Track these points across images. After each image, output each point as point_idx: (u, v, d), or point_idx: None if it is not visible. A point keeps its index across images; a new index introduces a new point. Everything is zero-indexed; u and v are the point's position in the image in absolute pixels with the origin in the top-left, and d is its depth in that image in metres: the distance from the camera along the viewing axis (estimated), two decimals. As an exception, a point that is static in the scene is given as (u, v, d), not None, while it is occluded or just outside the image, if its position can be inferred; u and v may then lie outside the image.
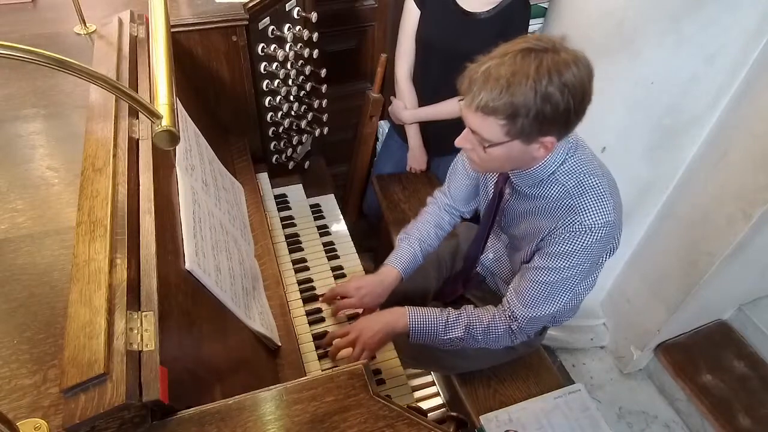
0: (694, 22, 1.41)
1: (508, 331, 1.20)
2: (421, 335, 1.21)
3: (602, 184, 1.08)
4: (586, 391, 1.44)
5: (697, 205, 1.74)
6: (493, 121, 0.96)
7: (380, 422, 0.67)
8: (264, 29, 1.41)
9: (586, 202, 1.06)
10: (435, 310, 1.22)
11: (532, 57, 0.91)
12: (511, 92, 0.91)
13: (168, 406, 0.64)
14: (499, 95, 0.92)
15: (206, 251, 0.95)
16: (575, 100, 0.93)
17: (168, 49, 0.89)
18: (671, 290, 1.89)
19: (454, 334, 1.20)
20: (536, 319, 1.17)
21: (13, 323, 0.70)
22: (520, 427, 1.35)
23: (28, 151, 0.97)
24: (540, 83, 0.90)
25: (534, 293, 1.15)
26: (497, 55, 0.94)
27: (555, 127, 0.97)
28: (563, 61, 0.91)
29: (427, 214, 1.45)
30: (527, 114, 0.92)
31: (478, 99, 0.94)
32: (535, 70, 0.90)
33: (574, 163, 1.09)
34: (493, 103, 0.93)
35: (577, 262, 1.10)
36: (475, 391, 1.45)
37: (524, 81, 0.90)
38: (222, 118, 1.49)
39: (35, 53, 0.57)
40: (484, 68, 0.94)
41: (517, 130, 0.96)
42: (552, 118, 0.94)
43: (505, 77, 0.91)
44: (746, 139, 1.54)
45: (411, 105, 2.00)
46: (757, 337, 2.07)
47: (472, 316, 1.21)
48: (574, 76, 0.91)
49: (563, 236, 1.08)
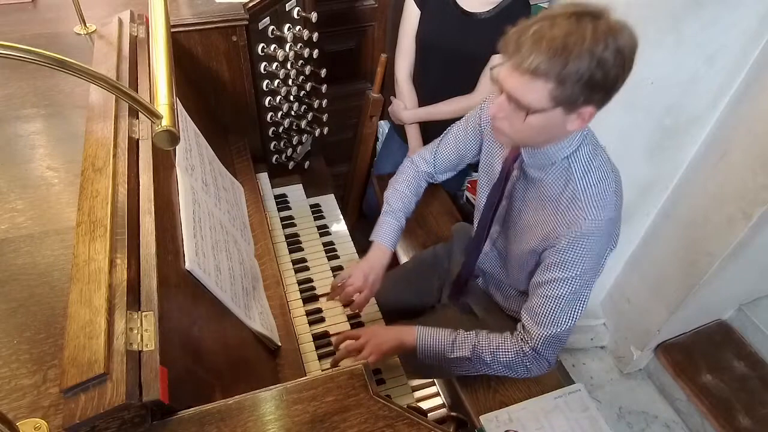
0: (694, 22, 1.41)
1: (520, 355, 1.15)
2: (428, 353, 1.20)
3: (608, 179, 1.06)
4: (586, 391, 1.44)
5: (697, 205, 1.74)
6: (541, 85, 0.91)
7: (380, 422, 0.67)
8: (264, 29, 1.41)
9: (586, 201, 1.04)
10: (446, 330, 1.21)
11: (587, 20, 0.87)
12: (566, 54, 0.86)
13: (168, 406, 0.64)
14: (553, 57, 0.87)
15: (206, 251, 0.95)
16: (625, 67, 0.91)
17: (168, 49, 0.89)
18: (671, 290, 1.89)
19: (462, 354, 1.18)
20: (553, 338, 1.12)
21: (13, 323, 0.70)
22: (520, 427, 1.35)
23: (28, 151, 0.97)
24: (597, 47, 0.86)
25: (547, 310, 1.11)
26: (546, 18, 0.89)
27: (599, 95, 0.94)
28: (617, 25, 0.89)
29: (407, 183, 1.43)
30: (579, 79, 0.88)
31: (529, 60, 0.88)
32: (592, 33, 0.86)
33: (587, 152, 1.07)
34: (545, 64, 0.88)
35: (585, 267, 1.07)
36: (475, 391, 1.45)
37: (581, 43, 0.86)
38: (222, 118, 1.49)
39: (35, 53, 0.57)
40: (535, 29, 0.89)
41: (563, 96, 0.92)
42: (601, 84, 0.91)
43: (561, 39, 0.86)
44: (746, 139, 1.54)
45: (411, 105, 2.00)
46: (757, 337, 2.07)
47: (482, 337, 1.18)
48: (627, 42, 0.89)
49: (565, 244, 1.06)
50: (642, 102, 1.59)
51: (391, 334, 1.21)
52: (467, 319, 1.50)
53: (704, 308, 2.03)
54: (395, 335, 1.21)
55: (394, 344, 1.20)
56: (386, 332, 1.22)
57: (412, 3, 1.81)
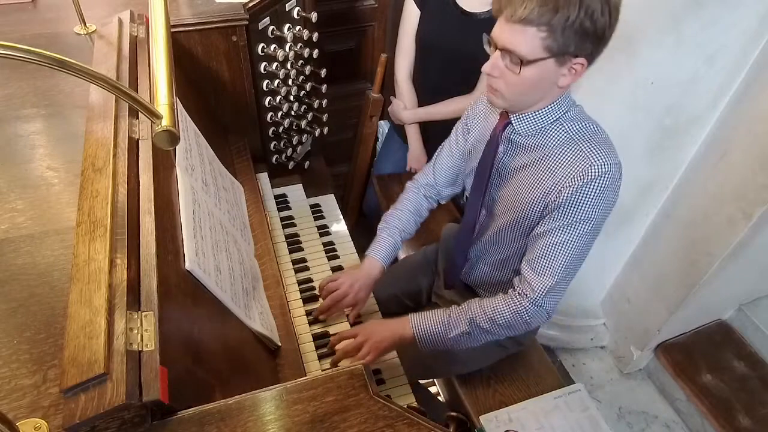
0: (694, 22, 1.41)
1: (519, 311, 1.13)
2: (427, 340, 1.19)
3: (603, 133, 1.09)
4: (586, 391, 1.44)
5: (697, 205, 1.74)
6: (533, 33, 0.95)
7: (380, 422, 0.67)
8: (264, 29, 1.41)
9: (593, 148, 1.05)
10: (438, 312, 1.21)
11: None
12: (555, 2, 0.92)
13: (168, 406, 0.64)
14: (543, 5, 0.92)
15: (206, 251, 0.95)
16: (611, 17, 0.95)
17: (168, 49, 0.89)
18: (671, 290, 1.89)
19: (459, 330, 1.17)
20: (554, 288, 1.11)
21: (13, 323, 0.70)
22: (520, 427, 1.35)
23: (28, 151, 0.97)
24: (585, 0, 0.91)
25: (550, 258, 1.10)
26: None
27: (590, 45, 0.97)
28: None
29: (406, 201, 1.44)
30: (570, 26, 0.93)
31: (522, 9, 0.94)
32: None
33: (577, 113, 1.10)
34: (536, 12, 0.93)
35: (591, 214, 1.06)
36: (475, 391, 1.45)
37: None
38: (222, 118, 1.49)
39: (35, 53, 0.57)
40: None
41: (555, 45, 0.96)
42: (591, 32, 0.95)
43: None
44: (746, 139, 1.54)
45: (411, 105, 2.00)
46: (757, 337, 2.07)
47: (476, 307, 1.18)
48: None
49: (573, 188, 1.05)
50: (642, 102, 1.59)
51: (387, 330, 1.21)
52: None
53: (704, 308, 2.03)
54: (392, 331, 1.20)
55: (392, 340, 1.20)
56: (383, 329, 1.21)
57: (412, 3, 1.81)
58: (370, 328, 1.21)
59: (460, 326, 1.18)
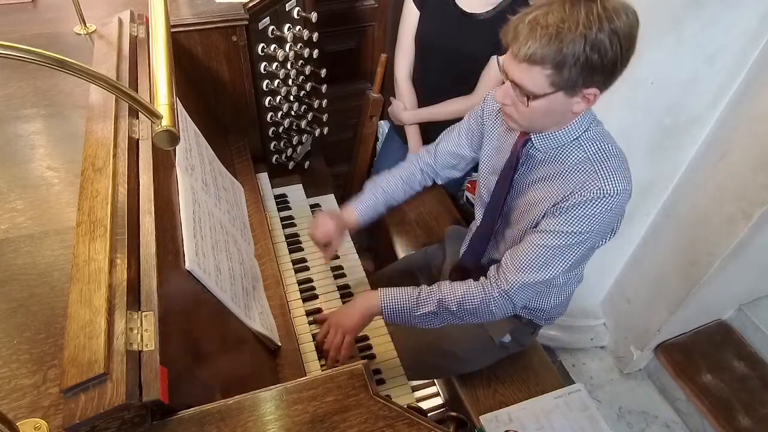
0: (694, 22, 1.41)
1: (487, 300, 1.15)
2: (394, 314, 1.20)
3: (622, 156, 1.08)
4: (586, 391, 1.44)
5: (697, 205, 1.74)
6: (538, 71, 0.95)
7: (380, 422, 0.67)
8: (264, 29, 1.41)
9: (607, 169, 1.05)
10: (408, 288, 1.21)
11: (581, 4, 0.90)
12: (560, 40, 0.89)
13: (168, 406, 0.64)
14: (547, 43, 0.90)
15: (206, 251, 0.95)
16: (623, 48, 0.92)
17: (168, 49, 0.89)
18: (671, 290, 1.89)
19: (426, 309, 1.17)
20: (528, 285, 1.13)
21: (13, 323, 0.70)
22: (520, 427, 1.35)
23: (28, 151, 0.97)
24: (590, 30, 0.89)
25: (532, 257, 1.11)
26: (543, 5, 0.92)
27: (600, 77, 0.96)
28: (613, 8, 0.90)
29: (401, 169, 1.45)
30: (575, 63, 0.91)
31: (525, 48, 0.92)
32: (585, 17, 0.89)
33: (597, 132, 1.09)
34: (540, 51, 0.91)
35: (587, 229, 1.07)
36: (474, 391, 1.45)
37: (574, 28, 0.89)
38: (222, 118, 1.49)
39: (35, 53, 0.57)
40: (531, 17, 0.92)
41: (562, 81, 0.95)
42: (599, 66, 0.93)
43: (554, 25, 0.90)
44: (746, 139, 1.54)
45: (411, 106, 2.00)
46: (757, 337, 2.07)
47: (446, 289, 1.18)
48: (623, 24, 0.91)
49: (579, 199, 1.05)
50: (642, 102, 1.59)
51: (354, 310, 1.20)
52: None
53: (704, 308, 2.03)
54: (359, 308, 1.20)
55: (361, 315, 1.19)
56: (348, 308, 1.21)
57: (411, 3, 1.81)
58: (336, 316, 1.21)
59: (429, 305, 1.18)
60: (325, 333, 1.21)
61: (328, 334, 1.20)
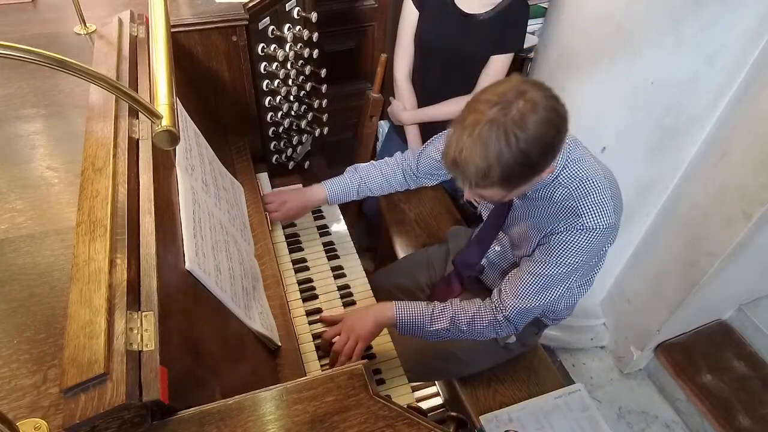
0: (694, 22, 1.41)
1: (493, 323, 1.23)
2: (407, 327, 1.24)
3: (603, 187, 1.13)
4: (586, 391, 1.44)
5: (697, 205, 1.74)
6: (493, 190, 1.04)
7: (380, 422, 0.67)
8: (264, 29, 1.41)
9: (588, 205, 1.12)
10: (421, 304, 1.26)
11: (495, 128, 0.94)
12: (492, 167, 0.96)
13: (168, 406, 0.64)
14: (485, 177, 0.98)
15: (206, 251, 0.95)
16: (549, 138, 0.97)
17: (168, 49, 0.89)
18: (671, 290, 1.89)
19: (440, 325, 1.24)
20: (525, 311, 1.21)
21: (13, 323, 0.70)
22: (520, 427, 1.35)
23: (28, 151, 0.97)
24: (511, 150, 0.94)
25: (527, 284, 1.19)
26: (467, 131, 0.97)
27: (548, 160, 1.03)
28: (523, 114, 0.94)
29: (383, 164, 1.50)
30: (518, 173, 0.99)
31: (469, 180, 1.00)
32: (504, 140, 0.94)
33: (575, 167, 1.14)
34: (484, 182, 1.00)
35: (574, 261, 1.15)
36: (475, 391, 1.45)
37: (500, 155, 0.95)
38: (222, 118, 1.49)
39: (35, 53, 0.57)
40: (461, 149, 0.98)
41: (516, 184, 1.04)
42: (536, 163, 1.00)
43: (482, 157, 0.96)
44: (746, 139, 1.54)
45: (410, 106, 2.00)
46: (757, 337, 2.07)
47: (458, 308, 1.25)
48: (539, 124, 0.94)
49: (564, 234, 1.14)
50: (642, 102, 1.59)
51: (369, 314, 1.24)
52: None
53: (704, 308, 2.03)
54: (373, 316, 1.23)
55: (375, 323, 1.22)
56: (365, 314, 1.24)
57: (411, 4, 1.81)
58: (351, 320, 1.23)
59: (442, 322, 1.24)
60: (335, 334, 1.21)
61: (339, 335, 1.21)
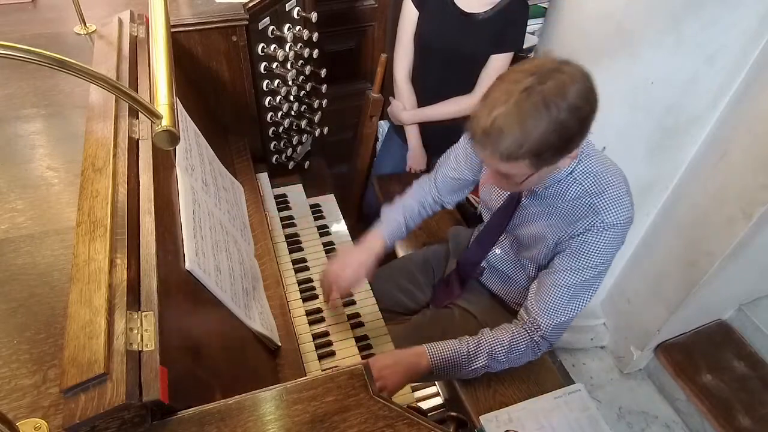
0: (694, 22, 1.41)
1: (531, 345, 1.19)
2: (444, 371, 1.18)
3: (619, 182, 1.11)
4: (586, 391, 1.44)
5: (697, 205, 1.74)
6: (520, 164, 0.98)
7: (380, 422, 0.67)
8: (264, 29, 1.41)
9: (606, 201, 1.09)
10: (453, 343, 1.20)
11: (535, 94, 0.91)
12: (528, 137, 0.92)
13: (168, 406, 0.64)
14: (519, 145, 0.93)
15: (206, 251, 0.95)
16: (586, 112, 0.95)
17: (168, 49, 0.89)
18: (671, 290, 1.89)
19: (478, 364, 1.19)
20: (561, 325, 1.18)
21: (13, 323, 0.70)
22: (520, 427, 1.35)
23: (28, 151, 0.97)
24: (551, 115, 0.91)
25: (557, 298, 1.15)
26: (501, 100, 0.93)
27: (576, 142, 1.00)
28: (563, 83, 0.92)
29: (413, 193, 1.45)
30: (549, 147, 0.95)
31: (500, 151, 0.95)
32: (544, 104, 0.91)
33: (590, 162, 1.12)
34: (516, 153, 0.95)
35: (599, 261, 1.12)
36: (475, 391, 1.45)
37: (538, 120, 0.91)
38: (222, 118, 1.49)
39: (35, 53, 0.57)
40: (494, 119, 0.93)
41: (543, 162, 0.99)
42: (571, 137, 0.97)
43: (519, 125, 0.92)
44: (746, 139, 1.54)
45: (410, 106, 2.00)
46: (757, 337, 2.07)
47: (492, 339, 1.20)
48: (578, 94, 0.92)
49: (584, 236, 1.11)
50: (642, 102, 1.59)
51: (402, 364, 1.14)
52: (464, 318, 1.50)
53: (704, 308, 2.03)
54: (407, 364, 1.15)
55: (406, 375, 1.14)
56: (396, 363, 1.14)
57: (410, 3, 1.81)
58: (381, 363, 1.13)
59: (480, 360, 1.19)
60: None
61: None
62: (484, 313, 1.49)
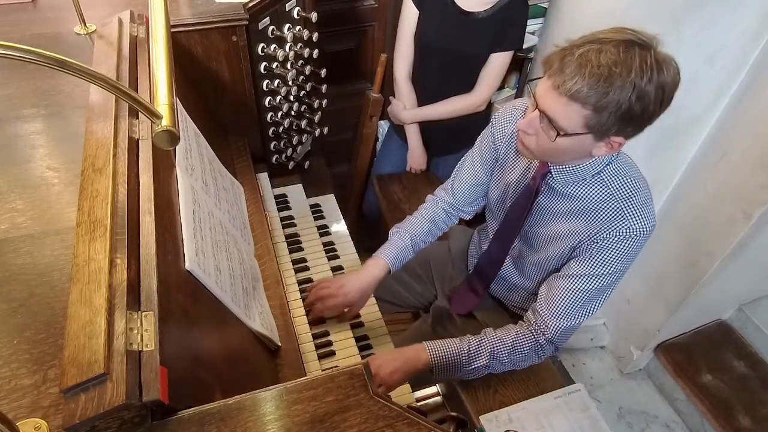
0: (694, 22, 1.41)
1: (535, 348, 1.16)
2: (443, 370, 1.17)
3: (645, 188, 1.07)
4: (586, 391, 1.44)
5: (697, 205, 1.74)
6: (577, 109, 0.90)
7: (380, 422, 0.67)
8: (264, 29, 1.41)
9: (633, 207, 1.04)
10: (454, 341, 1.18)
11: (636, 50, 0.86)
12: (610, 83, 0.85)
13: (168, 406, 0.64)
14: (595, 84, 0.86)
15: (206, 251, 0.95)
16: (663, 102, 0.90)
17: (168, 49, 0.89)
18: (671, 290, 1.89)
19: (479, 363, 1.17)
20: (570, 329, 1.14)
21: (13, 323, 0.70)
22: (520, 427, 1.35)
23: (28, 151, 0.97)
24: (641, 80, 0.85)
25: (569, 303, 1.11)
26: (594, 42, 0.87)
27: (632, 128, 0.93)
28: (663, 59, 0.88)
29: (423, 210, 1.42)
30: (617, 109, 0.88)
31: (571, 83, 0.87)
32: (639, 65, 0.85)
33: (619, 165, 1.07)
34: (586, 90, 0.87)
35: (619, 268, 1.08)
36: (475, 391, 1.45)
37: (625, 74, 0.85)
38: (222, 118, 1.49)
39: (35, 53, 0.57)
40: (581, 52, 0.87)
41: (598, 124, 0.91)
42: (637, 117, 0.90)
43: (606, 66, 0.85)
44: (746, 139, 1.54)
45: (410, 105, 2.00)
46: (757, 337, 2.07)
47: (495, 339, 1.17)
48: (670, 78, 0.88)
49: (608, 241, 1.05)
50: (642, 102, 1.59)
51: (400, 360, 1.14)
52: (465, 322, 1.50)
53: (704, 308, 2.03)
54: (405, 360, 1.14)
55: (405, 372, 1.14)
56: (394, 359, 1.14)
57: (410, 3, 1.81)
58: (380, 359, 1.13)
59: (481, 359, 1.17)
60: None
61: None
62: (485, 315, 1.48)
